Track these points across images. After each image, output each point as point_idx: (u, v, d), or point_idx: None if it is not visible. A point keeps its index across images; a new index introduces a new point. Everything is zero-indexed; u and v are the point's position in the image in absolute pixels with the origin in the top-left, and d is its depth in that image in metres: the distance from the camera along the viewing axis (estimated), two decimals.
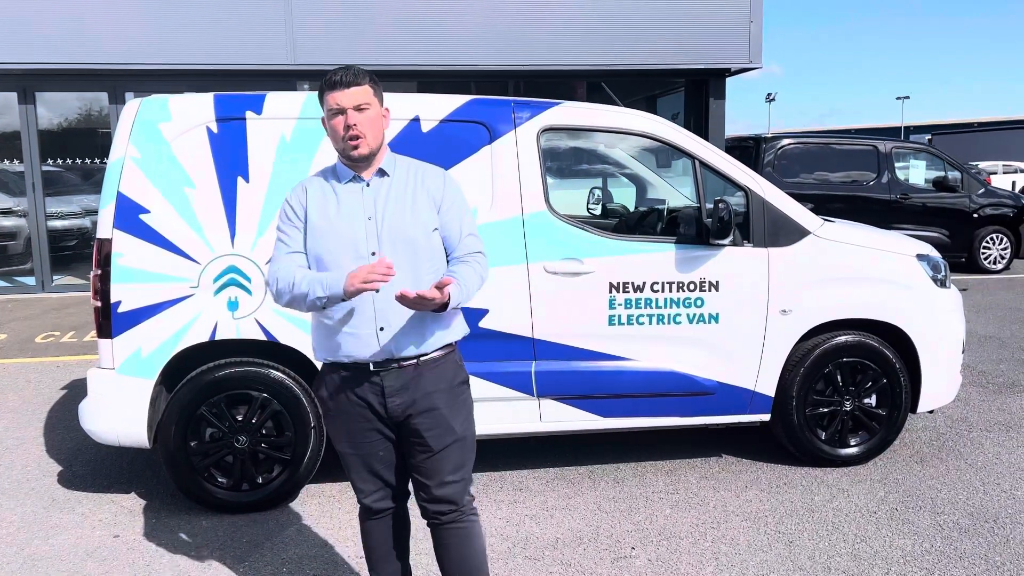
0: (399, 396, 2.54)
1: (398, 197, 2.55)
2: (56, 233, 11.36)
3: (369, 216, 2.51)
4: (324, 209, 2.54)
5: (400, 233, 2.50)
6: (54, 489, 4.40)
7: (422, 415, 2.56)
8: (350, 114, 2.48)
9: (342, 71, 2.51)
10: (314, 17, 10.84)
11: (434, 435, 2.58)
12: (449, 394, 2.61)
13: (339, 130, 2.50)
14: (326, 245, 2.51)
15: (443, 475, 2.61)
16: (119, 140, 3.92)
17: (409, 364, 2.54)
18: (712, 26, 11.60)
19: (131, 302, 3.86)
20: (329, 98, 2.50)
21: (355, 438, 2.61)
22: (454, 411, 2.62)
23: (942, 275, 4.66)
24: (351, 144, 2.49)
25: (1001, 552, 3.58)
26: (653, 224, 5.06)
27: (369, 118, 2.51)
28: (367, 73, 2.55)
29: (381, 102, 2.59)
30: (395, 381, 2.53)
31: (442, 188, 2.60)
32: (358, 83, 2.50)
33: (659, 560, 3.54)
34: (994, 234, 11.82)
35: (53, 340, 8.14)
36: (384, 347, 2.50)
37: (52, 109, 11.51)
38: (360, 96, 2.49)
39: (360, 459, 2.65)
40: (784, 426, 4.46)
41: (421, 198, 2.56)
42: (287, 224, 2.57)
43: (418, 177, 2.60)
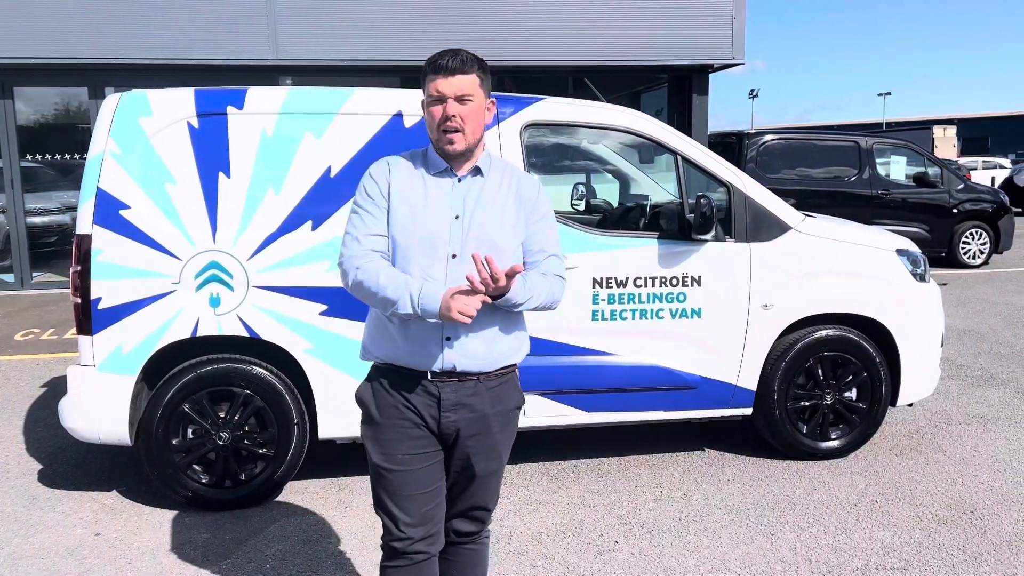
0: (454, 412, 2.32)
1: (490, 200, 2.35)
2: (35, 229, 11.25)
3: (457, 215, 2.31)
4: (409, 196, 2.33)
5: (487, 238, 2.30)
6: (34, 487, 4.36)
7: (474, 437, 2.36)
8: (450, 104, 2.26)
9: (449, 55, 2.27)
10: (296, 11, 10.79)
11: (481, 459, 2.40)
12: (504, 418, 2.42)
13: (436, 118, 2.29)
14: (405, 238, 2.30)
15: (477, 500, 2.47)
16: (99, 135, 3.89)
17: (470, 379, 2.33)
18: (695, 22, 11.64)
19: (111, 299, 3.83)
20: (430, 84, 2.29)
21: (397, 450, 2.33)
22: (504, 437, 2.45)
23: (921, 270, 4.71)
24: (446, 137, 2.28)
25: (979, 543, 3.63)
26: (636, 220, 5.07)
27: (471, 111, 2.29)
28: (476, 60, 2.31)
29: (487, 94, 2.36)
30: (453, 394, 2.32)
31: (535, 199, 2.41)
32: (464, 71, 2.27)
33: (642, 553, 3.56)
34: (973, 229, 11.94)
35: (32, 337, 8.06)
36: (448, 359, 2.30)
37: (31, 104, 11.39)
38: (465, 85, 2.26)
39: (399, 477, 2.33)
40: (766, 420, 4.49)
41: (512, 205, 2.37)
42: (368, 201, 2.34)
43: (513, 183, 2.41)
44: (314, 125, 3.99)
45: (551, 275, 2.38)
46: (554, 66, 11.73)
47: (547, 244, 2.42)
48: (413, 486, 2.34)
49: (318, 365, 3.96)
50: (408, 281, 2.22)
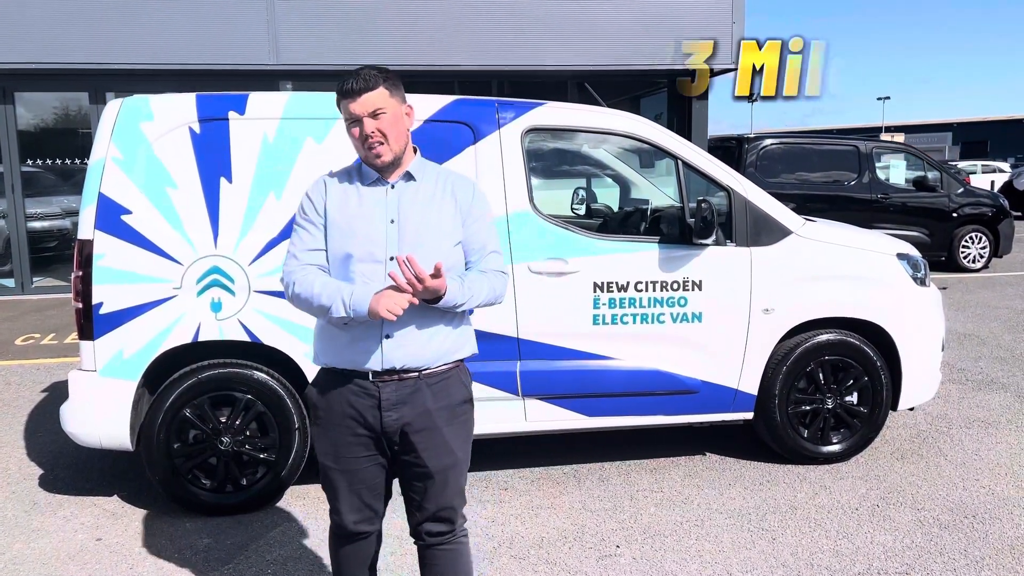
0: (396, 410, 2.41)
1: (424, 203, 2.45)
2: (36, 234, 11.26)
3: (392, 219, 2.42)
4: (344, 208, 2.44)
5: (421, 240, 2.40)
6: (36, 492, 4.36)
7: (420, 433, 2.44)
8: (366, 123, 2.37)
9: (353, 78, 2.37)
10: (296, 17, 10.81)
11: (431, 455, 2.45)
12: (449, 413, 2.47)
13: (359, 140, 2.40)
14: (345, 247, 2.42)
15: (440, 498, 2.50)
16: (100, 140, 3.89)
17: (410, 377, 2.42)
18: (695, 27, 11.67)
19: (113, 303, 3.83)
20: (343, 108, 2.41)
21: (341, 451, 2.47)
22: (454, 431, 2.49)
23: (922, 274, 4.71)
24: (373, 153, 2.39)
25: (980, 547, 3.62)
26: (637, 224, 5.08)
27: (388, 123, 2.38)
28: (380, 74, 2.40)
29: (402, 100, 2.45)
30: (393, 394, 2.41)
31: (471, 199, 2.50)
32: (370, 88, 2.36)
33: (644, 558, 3.56)
34: (973, 233, 11.94)
35: (33, 342, 8.06)
36: (388, 356, 2.39)
37: (32, 109, 11.41)
38: (375, 101, 2.36)
39: (343, 476, 2.49)
40: (767, 424, 4.49)
41: (448, 207, 2.46)
42: (305, 220, 2.48)
43: (447, 185, 2.50)
44: (315, 130, 3.99)
45: (491, 272, 2.50)
46: (554, 71, 11.75)
47: (487, 242, 2.52)
48: (355, 482, 2.50)
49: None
50: (340, 287, 2.37)
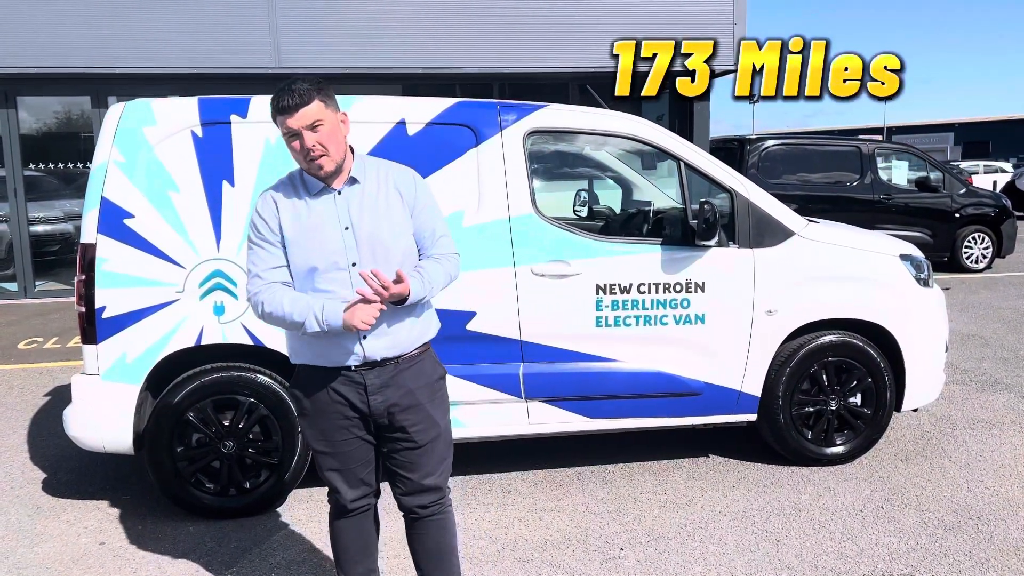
0: (381, 393, 2.59)
1: (372, 204, 2.56)
2: (38, 238, 11.26)
3: (346, 226, 2.53)
4: (297, 222, 2.53)
5: (378, 240, 2.53)
6: (39, 496, 4.36)
7: (406, 411, 2.62)
8: (306, 136, 2.45)
9: (287, 93, 2.43)
10: (298, 20, 10.81)
11: (419, 430, 2.64)
12: (429, 389, 2.68)
13: (300, 153, 2.48)
14: (307, 260, 2.52)
15: (427, 467, 2.68)
16: (102, 144, 3.90)
17: (389, 363, 2.59)
18: (696, 28, 11.66)
19: (116, 307, 3.83)
20: (280, 123, 2.48)
21: (332, 436, 2.63)
22: (435, 405, 2.69)
23: (925, 274, 4.71)
24: (315, 164, 2.48)
25: (985, 549, 3.61)
26: (639, 226, 5.07)
27: (327, 133, 2.47)
28: (313, 87, 2.46)
29: (336, 109, 2.53)
30: (376, 379, 2.58)
31: (414, 190, 2.63)
32: (305, 102, 2.43)
33: (647, 560, 3.55)
34: (976, 233, 11.92)
35: (36, 346, 8.07)
36: (368, 352, 2.55)
37: (34, 113, 11.42)
38: (311, 115, 2.44)
39: (338, 458, 2.67)
40: (770, 426, 4.49)
41: (395, 202, 2.59)
42: (261, 239, 2.56)
43: (389, 180, 2.61)
44: None
45: (444, 256, 2.66)
46: (555, 73, 11.75)
47: (435, 228, 2.66)
48: (348, 461, 2.68)
49: None
50: (311, 303, 2.48)
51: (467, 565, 3.54)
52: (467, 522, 3.95)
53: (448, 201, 4.04)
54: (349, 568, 2.81)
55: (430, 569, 2.79)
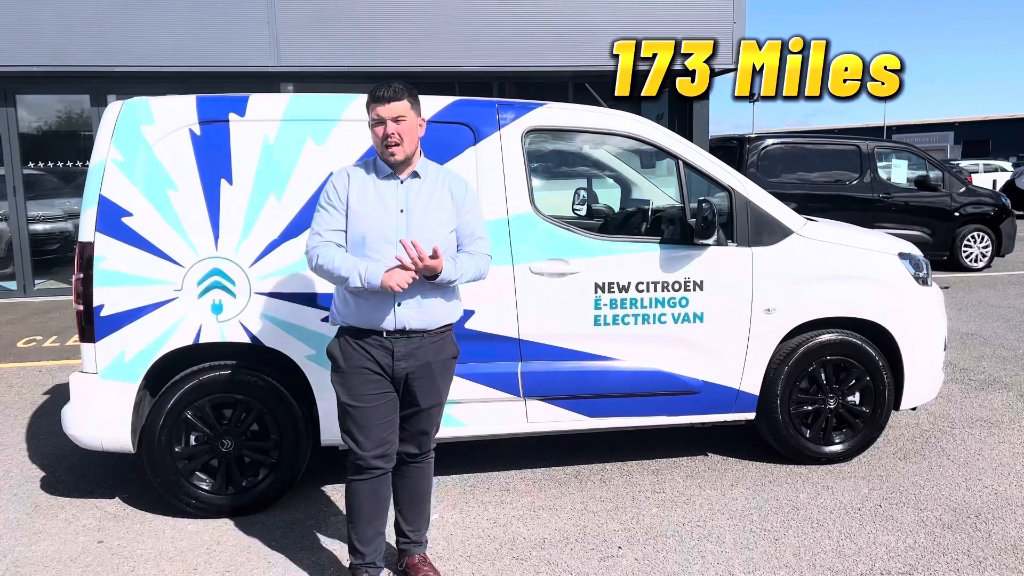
0: (405, 361, 3.04)
1: (427, 196, 3.04)
2: (38, 237, 11.25)
3: (401, 209, 3.00)
4: (363, 197, 3.01)
5: (425, 225, 3.00)
6: (37, 494, 4.36)
7: (420, 379, 3.08)
8: (389, 124, 2.95)
9: (385, 87, 2.95)
10: (297, 18, 10.80)
11: (425, 396, 3.12)
12: (442, 365, 3.15)
13: (380, 137, 2.97)
14: (363, 230, 2.98)
15: (422, 426, 3.19)
16: (101, 143, 3.89)
17: (416, 336, 3.04)
18: (695, 27, 11.65)
19: (114, 306, 3.83)
20: (372, 110, 2.97)
21: (361, 390, 3.04)
22: (444, 379, 3.19)
23: (924, 273, 4.71)
24: (389, 151, 2.97)
25: (983, 547, 3.61)
26: (638, 224, 5.07)
27: (405, 128, 2.97)
28: (407, 88, 2.99)
29: (419, 113, 3.05)
30: (404, 348, 3.03)
31: (464, 194, 3.13)
32: (398, 98, 2.95)
33: (646, 559, 3.55)
34: (975, 232, 11.92)
35: (35, 344, 8.07)
36: (399, 320, 3.00)
37: (33, 112, 11.41)
38: (399, 109, 2.95)
39: (364, 412, 3.05)
40: (769, 424, 4.49)
41: (446, 200, 3.07)
42: (329, 204, 3.03)
43: (446, 182, 3.11)
44: (316, 131, 3.99)
45: (478, 254, 3.14)
46: (555, 72, 11.74)
47: (475, 230, 3.16)
48: (372, 418, 3.06)
49: (320, 372, 3.95)
50: (357, 262, 2.94)
51: (465, 563, 3.54)
52: (465, 520, 3.95)
53: None
54: (360, 527, 3.15)
55: (405, 506, 3.29)
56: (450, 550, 3.65)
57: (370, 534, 3.17)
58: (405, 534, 3.34)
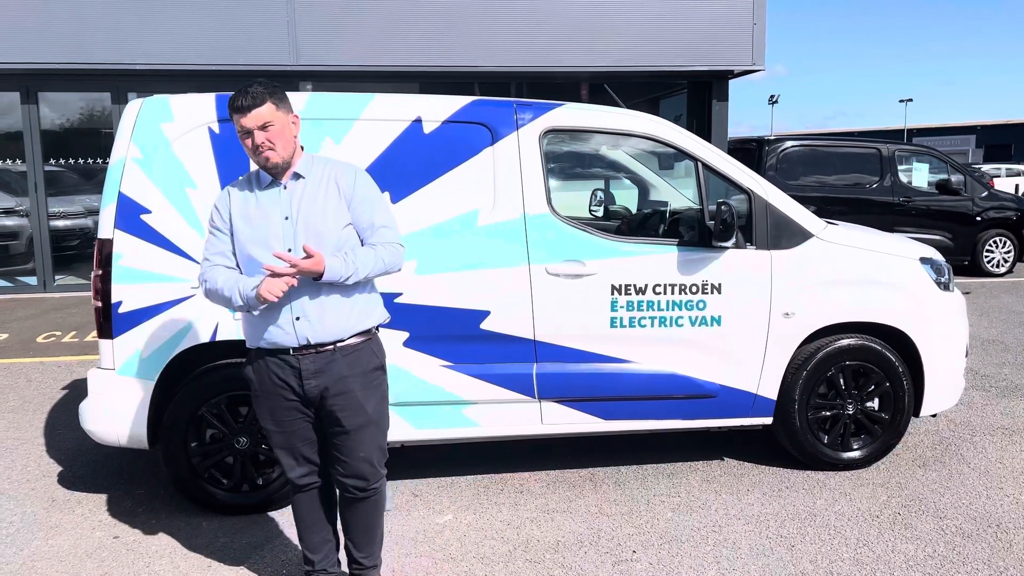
0: (315, 379, 2.83)
1: (312, 196, 2.82)
2: (58, 233, 11.36)
3: (286, 216, 2.80)
4: (245, 213, 2.83)
5: (313, 229, 2.78)
6: (54, 489, 4.39)
7: (336, 397, 2.85)
8: (256, 134, 2.73)
9: (242, 95, 2.72)
10: (316, 18, 10.85)
11: (347, 416, 2.87)
12: (363, 379, 2.89)
13: (251, 149, 2.77)
14: (248, 246, 2.81)
15: (357, 453, 2.92)
16: (121, 140, 3.91)
17: (326, 350, 2.83)
18: (715, 28, 11.59)
19: (132, 302, 3.85)
20: (235, 122, 2.77)
21: (278, 416, 2.91)
22: (367, 395, 2.90)
23: (945, 278, 4.65)
24: (263, 158, 2.77)
25: (1004, 557, 3.56)
26: (655, 226, 5.04)
27: (275, 133, 2.75)
28: (265, 91, 2.74)
29: (288, 111, 2.81)
30: (311, 365, 2.83)
31: (352, 185, 2.86)
32: (257, 105, 2.72)
33: (660, 564, 3.53)
34: (997, 237, 11.79)
35: (55, 340, 8.14)
36: (301, 334, 2.80)
37: (55, 109, 11.52)
38: (262, 116, 2.73)
39: (283, 436, 2.94)
40: (786, 429, 4.45)
41: (332, 195, 2.82)
42: (213, 227, 2.89)
43: (331, 176, 2.85)
44: (334, 131, 3.99)
45: (381, 244, 2.85)
46: (573, 72, 11.72)
47: (375, 218, 2.87)
48: (293, 439, 2.95)
49: None
50: (237, 279, 2.79)
51: (478, 565, 3.53)
52: (479, 522, 3.94)
53: (463, 200, 4.04)
54: (307, 536, 3.11)
55: (357, 536, 3.10)
56: (463, 551, 3.64)
57: (317, 541, 3.11)
58: (358, 561, 3.13)
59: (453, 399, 4.07)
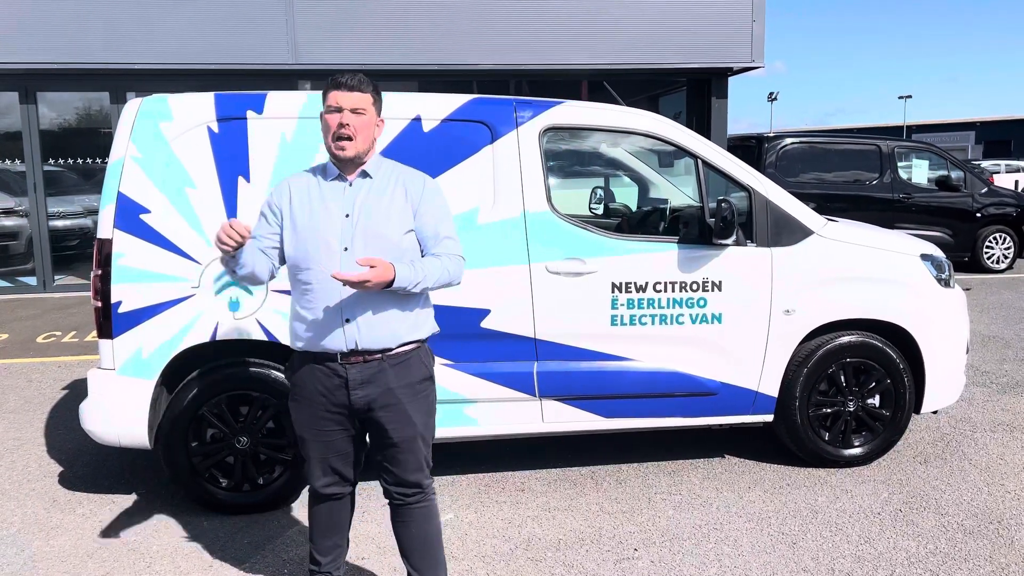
0: (362, 389, 2.70)
1: (376, 198, 2.70)
2: (57, 233, 11.36)
3: (347, 214, 2.68)
4: (307, 205, 2.71)
5: (373, 231, 2.66)
6: (55, 490, 4.39)
7: (383, 409, 2.72)
8: (345, 114, 2.64)
9: (349, 74, 2.67)
10: (315, 16, 10.83)
11: (395, 428, 2.74)
12: (411, 390, 2.75)
13: (332, 126, 2.66)
14: (305, 238, 2.68)
15: (406, 465, 2.79)
16: (119, 140, 3.91)
17: (374, 358, 2.69)
18: (714, 25, 11.57)
19: (132, 302, 3.84)
20: (330, 96, 2.66)
21: (316, 425, 2.77)
22: (415, 406, 2.77)
23: (946, 275, 4.64)
24: (338, 144, 2.66)
25: (1006, 554, 3.56)
26: (656, 224, 5.04)
27: (362, 122, 2.67)
28: (372, 83, 2.70)
29: (379, 112, 2.75)
30: (359, 374, 2.69)
31: (420, 192, 2.75)
32: (361, 89, 2.66)
33: (662, 561, 3.53)
34: (997, 233, 11.79)
35: (54, 340, 8.13)
36: (350, 338, 2.66)
37: (54, 109, 11.51)
38: (359, 101, 2.65)
39: (318, 447, 2.81)
40: (787, 426, 4.44)
41: (398, 199, 2.71)
42: (262, 218, 2.79)
43: (399, 180, 2.75)
44: None
45: (446, 256, 2.74)
46: (572, 70, 11.71)
47: (439, 230, 2.76)
48: (326, 451, 2.81)
49: None
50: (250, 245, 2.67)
51: (480, 563, 3.52)
52: (480, 520, 3.93)
53: (463, 198, 4.04)
54: (319, 541, 2.99)
55: (416, 559, 2.88)
56: (464, 550, 3.64)
57: (328, 546, 2.99)
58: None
59: (454, 398, 4.07)
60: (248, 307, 3.91)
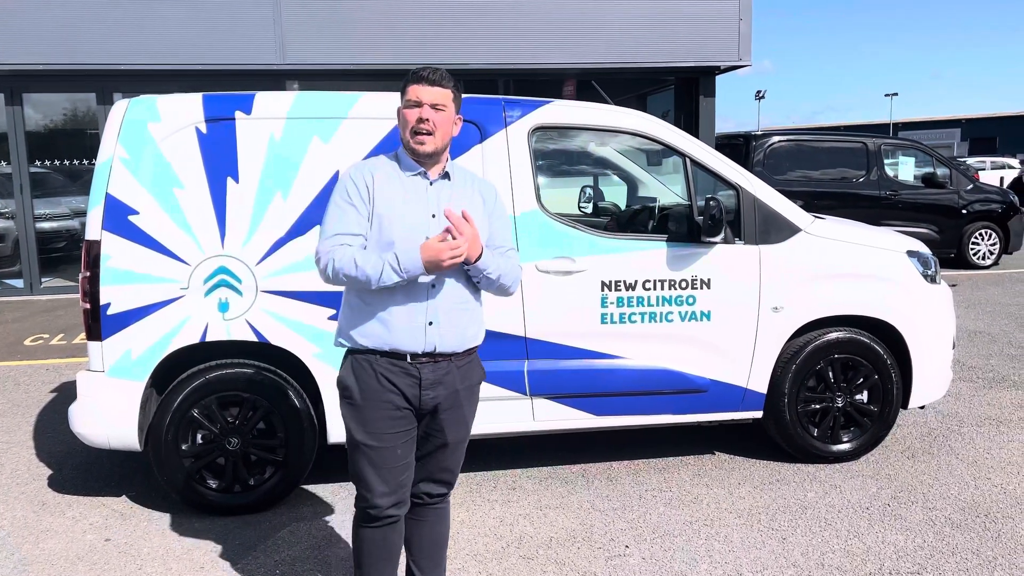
0: (433, 389, 2.61)
1: (460, 200, 2.63)
2: (44, 235, 11.28)
3: (433, 214, 2.60)
4: (391, 196, 2.58)
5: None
6: (44, 493, 4.37)
7: (448, 411, 2.67)
8: (425, 109, 2.55)
9: (431, 69, 2.60)
10: (303, 17, 10.80)
11: (452, 429, 2.70)
12: (469, 392, 2.73)
13: (411, 120, 2.57)
14: (392, 233, 2.53)
15: (447, 464, 2.76)
16: (107, 141, 3.89)
17: (444, 360, 2.62)
18: (701, 24, 11.61)
19: (120, 304, 3.83)
20: (410, 89, 2.58)
21: (380, 428, 2.59)
22: (471, 409, 2.77)
23: (932, 271, 4.68)
24: (417, 139, 2.57)
25: (993, 547, 3.59)
26: (645, 222, 5.06)
27: (442, 118, 2.58)
28: (454, 79, 2.63)
29: (458, 110, 2.67)
30: (431, 374, 2.60)
31: (495, 201, 2.75)
32: (442, 84, 2.58)
33: (653, 558, 3.54)
34: (983, 230, 11.88)
35: (42, 342, 8.08)
36: (430, 340, 2.57)
37: (40, 110, 11.44)
38: (440, 96, 2.57)
39: (382, 453, 2.60)
40: (776, 423, 4.47)
41: (478, 206, 2.67)
42: (348, 202, 2.57)
43: (475, 186, 2.73)
44: (322, 129, 3.99)
45: (511, 262, 2.71)
46: (560, 69, 11.72)
47: (506, 240, 2.76)
48: (392, 460, 2.62)
49: (327, 369, 3.95)
50: (382, 255, 2.49)
51: (472, 562, 3.53)
52: (472, 519, 3.94)
53: None
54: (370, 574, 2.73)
55: (422, 556, 2.86)
56: (456, 549, 3.64)
57: None
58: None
59: None
60: (237, 308, 3.90)
